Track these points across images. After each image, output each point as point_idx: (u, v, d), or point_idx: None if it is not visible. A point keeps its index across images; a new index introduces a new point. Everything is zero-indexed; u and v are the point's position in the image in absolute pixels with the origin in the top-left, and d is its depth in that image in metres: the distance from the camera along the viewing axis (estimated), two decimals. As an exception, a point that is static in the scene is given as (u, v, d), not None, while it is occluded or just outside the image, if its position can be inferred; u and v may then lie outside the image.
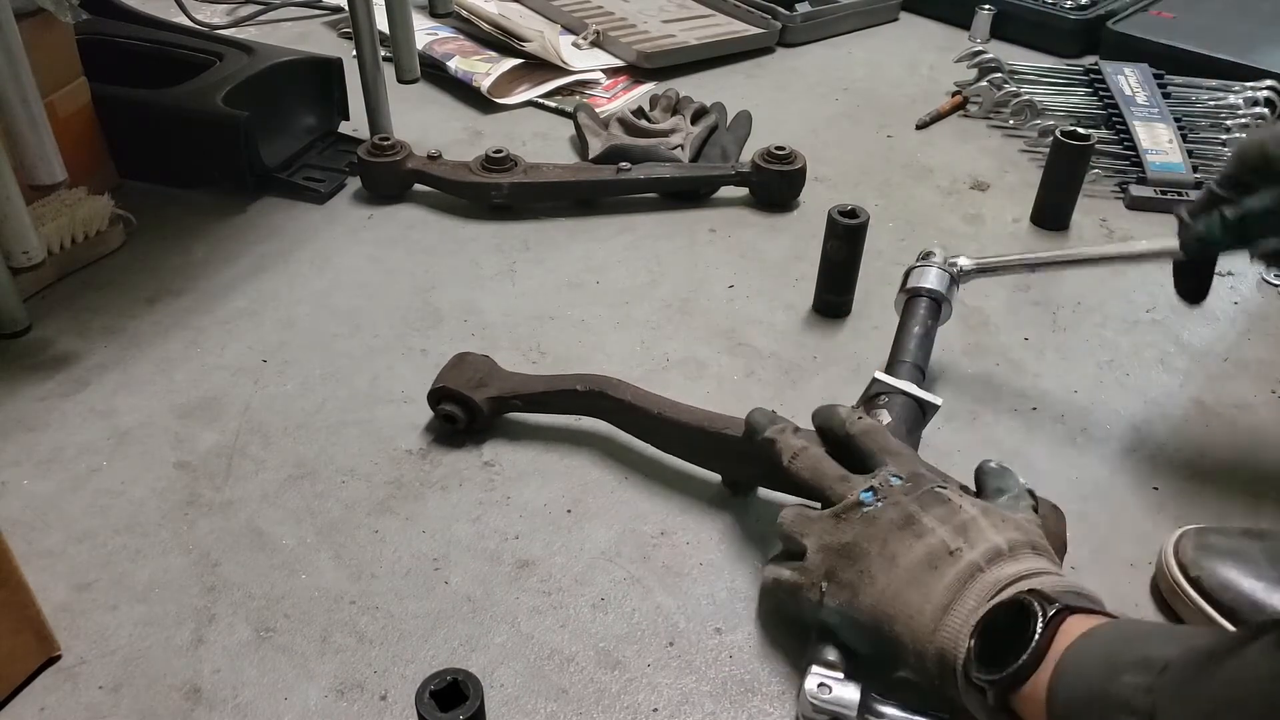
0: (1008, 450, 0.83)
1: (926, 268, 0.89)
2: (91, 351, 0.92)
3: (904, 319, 0.86)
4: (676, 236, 1.11)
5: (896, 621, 0.58)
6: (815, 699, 0.59)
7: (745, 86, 1.45)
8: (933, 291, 0.87)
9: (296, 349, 0.93)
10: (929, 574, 0.58)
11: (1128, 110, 1.27)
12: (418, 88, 1.34)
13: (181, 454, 0.82)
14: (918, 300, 0.87)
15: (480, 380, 0.83)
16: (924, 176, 1.24)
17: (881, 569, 0.59)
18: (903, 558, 0.59)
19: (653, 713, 0.64)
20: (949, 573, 0.57)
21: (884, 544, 0.60)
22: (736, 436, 0.74)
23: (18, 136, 0.83)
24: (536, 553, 0.74)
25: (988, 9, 1.59)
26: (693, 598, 0.71)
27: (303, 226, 1.11)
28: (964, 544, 0.58)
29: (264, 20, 1.60)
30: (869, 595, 0.59)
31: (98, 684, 0.64)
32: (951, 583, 0.57)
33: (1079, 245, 0.86)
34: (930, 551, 0.59)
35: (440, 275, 1.04)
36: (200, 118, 1.09)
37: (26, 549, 0.72)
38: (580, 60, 1.46)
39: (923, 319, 0.85)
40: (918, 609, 0.57)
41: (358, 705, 0.63)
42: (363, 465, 0.81)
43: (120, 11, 1.26)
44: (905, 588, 0.58)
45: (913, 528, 0.60)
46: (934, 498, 0.62)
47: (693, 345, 0.95)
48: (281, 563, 0.73)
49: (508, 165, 1.13)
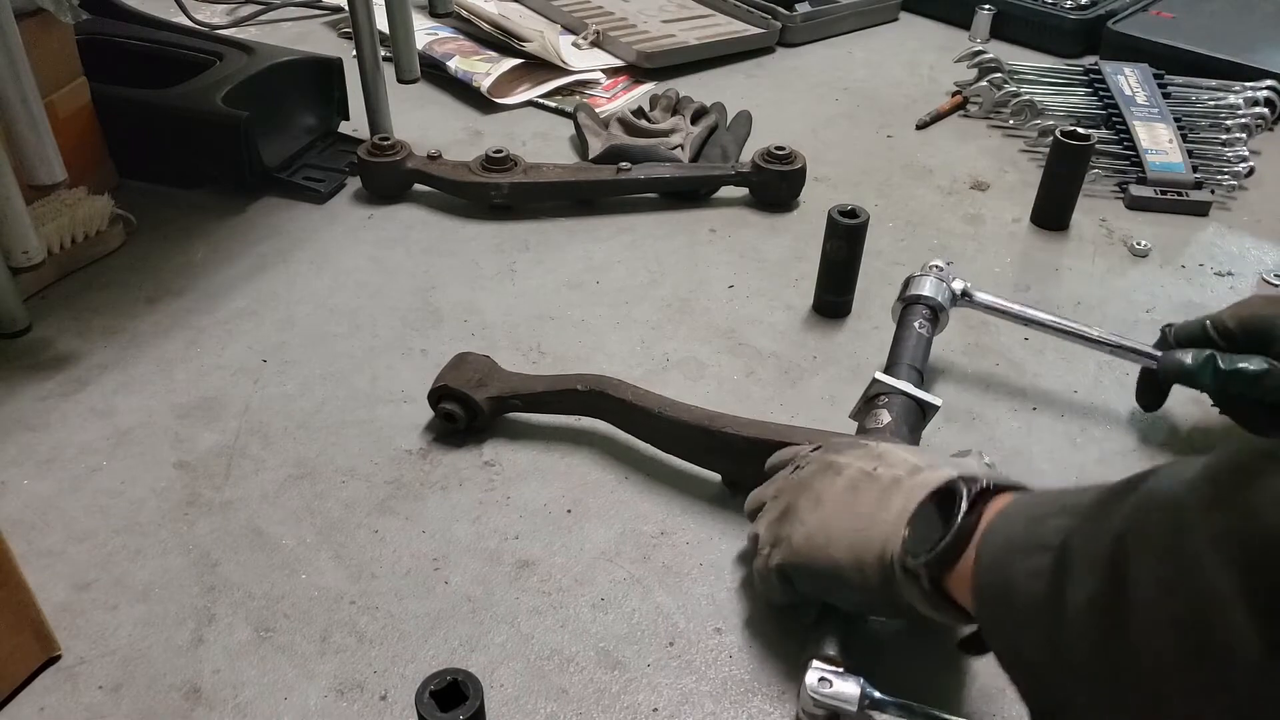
0: (1008, 450, 0.83)
1: (925, 277, 0.89)
2: (91, 351, 0.92)
3: (901, 324, 0.87)
4: (676, 236, 1.11)
5: (830, 546, 0.60)
6: (816, 693, 0.59)
7: (745, 86, 1.45)
8: (930, 300, 0.87)
9: (296, 349, 0.93)
10: (852, 496, 0.61)
11: (1128, 110, 1.27)
12: (418, 88, 1.34)
13: (181, 454, 0.82)
14: (915, 307, 0.87)
15: (480, 380, 0.83)
16: (924, 176, 1.24)
17: (809, 509, 0.62)
18: (826, 493, 0.62)
19: (653, 713, 0.64)
20: (872, 489, 0.60)
21: (809, 489, 0.64)
22: (737, 436, 0.75)
23: (18, 136, 0.84)
24: (536, 553, 0.74)
25: (988, 9, 1.59)
26: (693, 598, 0.71)
27: (303, 226, 1.11)
28: (880, 465, 0.61)
29: (264, 20, 1.60)
30: (800, 534, 0.62)
31: (98, 684, 0.64)
32: (877, 495, 0.59)
33: (1074, 321, 0.89)
34: (850, 480, 0.62)
35: (440, 275, 1.04)
36: (200, 118, 1.09)
37: (26, 549, 0.72)
38: (580, 60, 1.46)
39: (920, 325, 0.86)
40: (849, 528, 0.59)
41: (358, 705, 0.63)
42: (363, 465, 0.81)
43: (120, 11, 1.26)
44: (833, 516, 0.61)
45: (832, 468, 0.64)
46: (850, 443, 0.66)
47: (693, 345, 0.95)
48: (281, 563, 0.73)
49: (508, 165, 1.13)
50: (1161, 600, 0.37)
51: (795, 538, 0.62)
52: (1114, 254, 1.10)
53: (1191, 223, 1.16)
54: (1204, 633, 0.34)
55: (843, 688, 0.60)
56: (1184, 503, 0.38)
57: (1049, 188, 1.14)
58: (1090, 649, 0.41)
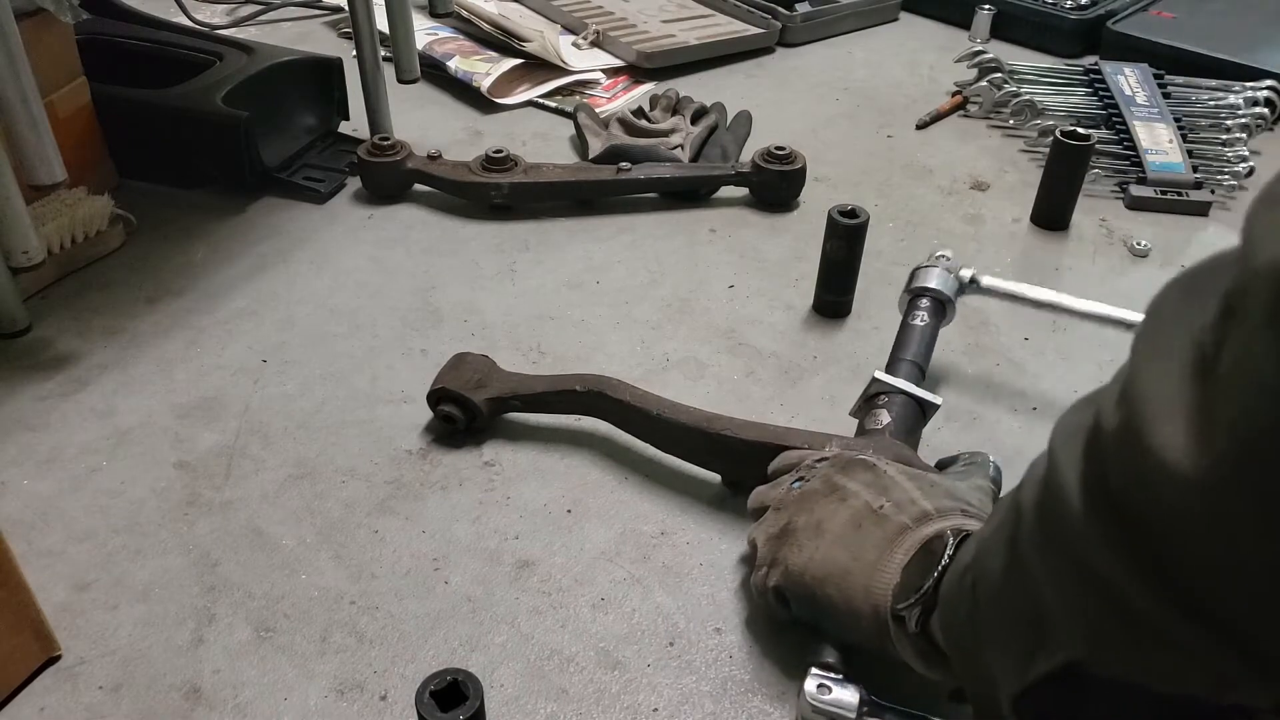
0: (1008, 450, 0.83)
1: (932, 268, 0.89)
2: (91, 351, 0.92)
3: (906, 318, 0.87)
4: (676, 236, 1.11)
5: (827, 583, 0.59)
6: (815, 700, 0.59)
7: (745, 86, 1.45)
8: (937, 293, 0.87)
9: (296, 349, 0.93)
10: (855, 534, 0.60)
11: (1128, 110, 1.27)
12: (418, 88, 1.34)
13: (181, 454, 0.82)
14: (920, 300, 0.87)
15: (479, 381, 0.83)
16: (924, 176, 1.24)
17: (809, 536, 0.62)
18: (829, 523, 0.61)
19: (653, 713, 0.64)
20: (876, 533, 0.59)
21: (811, 512, 0.63)
22: (736, 437, 0.75)
23: (18, 136, 0.83)
24: (536, 553, 0.74)
25: (988, 9, 1.59)
26: (693, 598, 0.71)
27: (303, 226, 1.11)
28: (887, 502, 0.60)
29: (264, 20, 1.60)
30: (797, 563, 0.61)
31: (98, 684, 0.64)
32: (880, 541, 0.59)
33: (1089, 300, 0.88)
34: (854, 513, 0.61)
35: (440, 275, 1.04)
36: (200, 118, 1.09)
37: (26, 549, 0.72)
38: (580, 60, 1.46)
39: (925, 318, 0.86)
40: (846, 569, 0.59)
41: (358, 705, 0.63)
42: (363, 465, 0.81)
43: (120, 11, 1.26)
44: (832, 551, 0.60)
45: (837, 493, 0.63)
46: (859, 464, 0.64)
47: (693, 345, 0.95)
48: (281, 563, 0.73)
49: (508, 165, 1.13)
50: (1031, 492, 0.41)
51: (792, 564, 0.62)
52: (1114, 254, 1.10)
53: (1191, 223, 1.16)
54: (1054, 510, 0.39)
55: (842, 695, 0.60)
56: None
57: (1049, 188, 1.14)
58: (1000, 578, 0.44)
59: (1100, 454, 0.36)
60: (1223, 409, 0.31)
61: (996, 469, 0.69)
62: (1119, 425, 0.35)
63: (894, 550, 0.58)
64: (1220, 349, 0.31)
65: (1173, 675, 0.36)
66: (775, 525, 0.65)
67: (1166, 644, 0.35)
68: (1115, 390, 0.36)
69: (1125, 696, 0.39)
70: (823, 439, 0.72)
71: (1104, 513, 0.36)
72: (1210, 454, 0.31)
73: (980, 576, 0.46)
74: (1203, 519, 0.32)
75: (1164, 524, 0.33)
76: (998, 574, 0.44)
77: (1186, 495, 0.32)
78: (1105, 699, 0.40)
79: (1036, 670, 0.40)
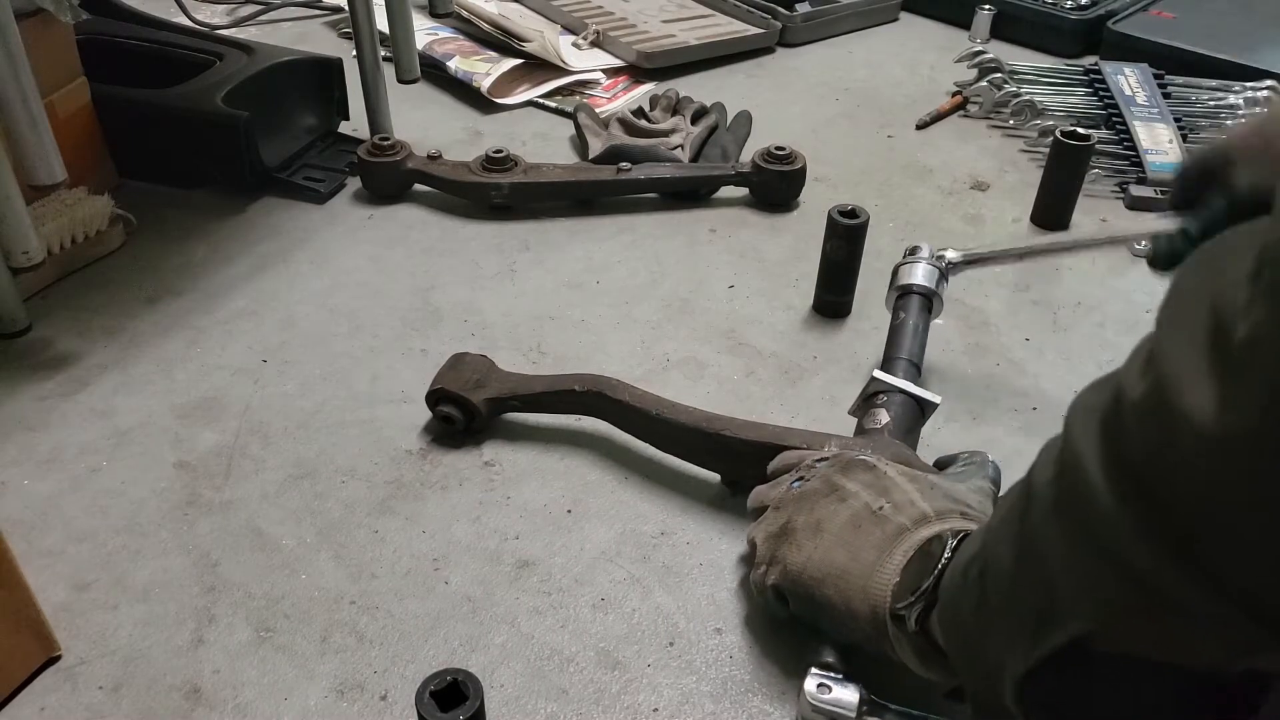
0: (1008, 450, 0.83)
1: (914, 264, 0.89)
2: (91, 351, 0.92)
3: (895, 316, 0.87)
4: (676, 236, 1.11)
5: (825, 583, 0.60)
6: (815, 700, 0.60)
7: (745, 86, 1.45)
8: (922, 288, 0.87)
9: (296, 349, 0.93)
10: (854, 534, 0.60)
11: (1128, 110, 1.27)
12: (418, 88, 1.34)
13: (181, 454, 0.82)
14: (908, 297, 0.87)
15: (478, 381, 0.83)
16: (924, 176, 1.24)
17: (808, 536, 0.62)
18: (828, 523, 0.61)
19: (653, 713, 0.64)
20: (875, 533, 0.59)
21: (810, 512, 0.63)
22: (735, 437, 0.75)
23: (18, 136, 0.84)
24: (536, 553, 0.74)
25: (988, 9, 1.59)
26: (693, 598, 0.71)
27: (303, 226, 1.11)
28: (886, 503, 0.60)
29: (264, 20, 1.60)
30: (796, 562, 0.61)
31: (98, 684, 0.64)
32: (878, 542, 0.59)
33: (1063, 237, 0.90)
34: (854, 514, 0.61)
35: (440, 275, 1.04)
36: (200, 118, 1.09)
37: (26, 549, 0.72)
38: (580, 60, 1.46)
39: (914, 315, 0.86)
40: (844, 569, 0.59)
41: (358, 705, 0.63)
42: (363, 465, 0.81)
43: (120, 11, 1.26)
44: (831, 552, 0.60)
45: (837, 493, 0.63)
46: (859, 465, 0.64)
47: (693, 345, 0.95)
48: (281, 563, 0.73)
49: (508, 165, 1.13)
50: (1045, 471, 0.41)
51: (790, 563, 0.62)
52: (1114, 254, 1.10)
53: (1191, 223, 1.16)
54: (1071, 486, 0.39)
55: (841, 694, 0.60)
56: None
57: (1049, 188, 1.14)
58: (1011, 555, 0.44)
59: (1121, 426, 0.36)
60: (1253, 367, 0.31)
61: (996, 469, 0.69)
62: (1145, 393, 0.35)
63: (892, 551, 0.58)
64: (1251, 306, 0.32)
65: (1186, 645, 0.37)
66: (774, 524, 0.65)
67: (1183, 613, 0.35)
68: (1138, 362, 0.36)
69: (1133, 672, 0.39)
70: (822, 439, 0.72)
71: (1123, 484, 0.36)
72: (1240, 412, 0.31)
73: (989, 563, 0.46)
74: (1230, 479, 0.32)
75: (1188, 488, 0.34)
76: (1008, 558, 0.44)
77: (1215, 456, 0.32)
78: (1112, 676, 0.40)
79: (1046, 646, 0.40)
